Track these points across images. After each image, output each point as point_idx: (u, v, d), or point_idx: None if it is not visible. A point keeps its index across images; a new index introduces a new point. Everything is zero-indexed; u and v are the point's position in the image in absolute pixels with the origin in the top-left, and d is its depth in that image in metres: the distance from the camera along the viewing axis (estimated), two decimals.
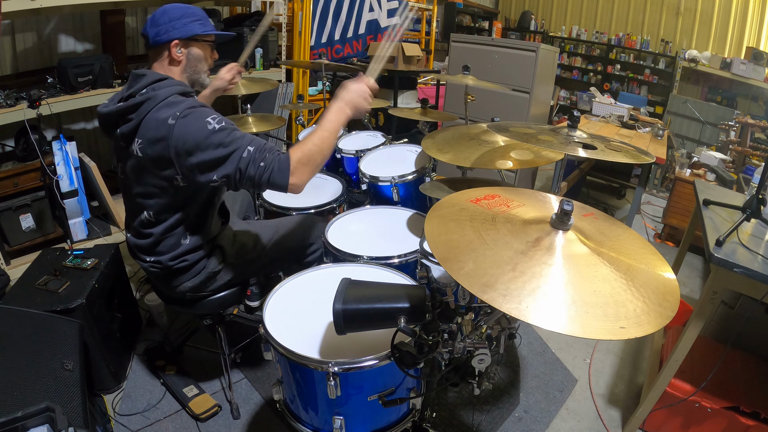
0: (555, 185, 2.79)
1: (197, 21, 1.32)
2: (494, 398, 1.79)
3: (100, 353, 1.65)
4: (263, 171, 1.18)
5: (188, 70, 1.35)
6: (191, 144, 1.17)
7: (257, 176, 1.18)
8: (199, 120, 1.19)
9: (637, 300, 0.72)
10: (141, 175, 1.27)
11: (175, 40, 1.28)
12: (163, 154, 1.20)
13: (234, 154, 1.18)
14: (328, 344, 1.13)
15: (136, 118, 1.22)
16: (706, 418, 1.56)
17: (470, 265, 0.75)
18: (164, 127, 1.18)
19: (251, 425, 1.65)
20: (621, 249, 0.85)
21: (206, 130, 1.18)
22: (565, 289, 0.72)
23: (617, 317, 0.68)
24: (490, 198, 0.98)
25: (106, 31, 3.26)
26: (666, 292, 0.76)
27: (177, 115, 1.18)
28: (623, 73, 6.57)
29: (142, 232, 1.37)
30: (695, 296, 2.67)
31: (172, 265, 1.39)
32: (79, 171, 2.80)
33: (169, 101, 1.21)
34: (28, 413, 1.04)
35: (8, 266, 2.49)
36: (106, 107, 1.28)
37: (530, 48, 3.27)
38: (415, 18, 1.44)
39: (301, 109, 2.86)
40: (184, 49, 1.31)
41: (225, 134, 1.18)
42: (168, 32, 1.28)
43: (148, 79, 1.25)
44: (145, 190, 1.29)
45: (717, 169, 3.41)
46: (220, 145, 1.17)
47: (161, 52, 1.30)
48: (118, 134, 1.26)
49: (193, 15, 1.32)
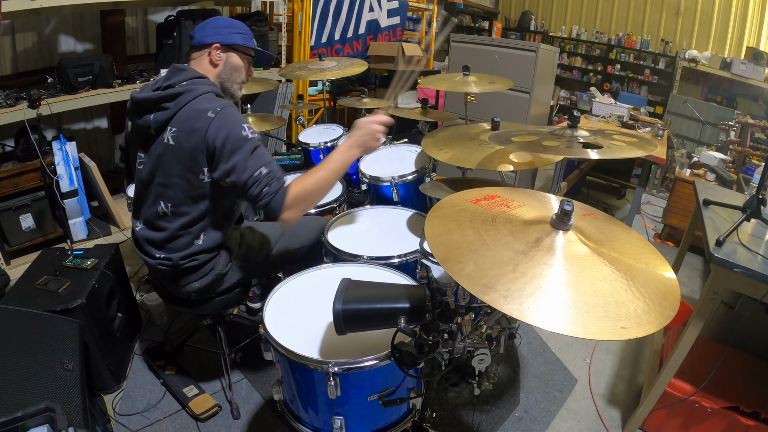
0: (555, 185, 2.79)
1: (240, 34, 1.41)
2: (494, 398, 1.79)
3: (100, 353, 1.65)
4: (263, 196, 1.25)
5: (223, 75, 1.41)
6: (223, 139, 1.23)
7: (257, 198, 1.25)
8: (237, 122, 1.26)
9: (637, 300, 0.72)
10: (168, 164, 1.30)
11: (216, 44, 1.37)
12: (197, 144, 1.25)
13: (249, 168, 1.24)
14: (328, 344, 1.13)
15: (173, 107, 1.27)
16: (706, 418, 1.56)
17: (471, 266, 0.75)
18: (203, 119, 1.24)
19: (251, 425, 1.65)
20: (621, 249, 0.85)
21: (240, 135, 1.25)
22: (565, 290, 0.72)
23: (618, 317, 0.68)
24: (490, 198, 0.98)
25: (106, 31, 3.26)
26: (666, 291, 0.76)
27: (218, 110, 1.25)
28: (623, 73, 6.56)
29: (156, 224, 1.38)
30: (695, 296, 2.67)
31: (182, 263, 1.38)
32: (79, 171, 2.80)
33: (207, 97, 1.29)
34: (28, 413, 1.04)
35: (8, 266, 2.50)
36: (140, 93, 1.33)
37: (530, 48, 3.27)
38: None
39: (301, 109, 2.86)
40: (224, 54, 1.39)
41: (251, 146, 1.26)
42: (212, 36, 1.37)
43: (189, 74, 1.33)
44: (169, 180, 1.32)
45: (717, 169, 3.41)
46: (245, 155, 1.24)
47: (202, 53, 1.39)
48: (150, 121, 1.30)
49: (238, 28, 1.42)
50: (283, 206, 1.25)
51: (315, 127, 2.65)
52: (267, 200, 1.24)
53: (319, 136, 2.45)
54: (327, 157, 1.35)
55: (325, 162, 1.34)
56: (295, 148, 2.79)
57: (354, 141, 1.36)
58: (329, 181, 1.33)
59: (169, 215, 1.35)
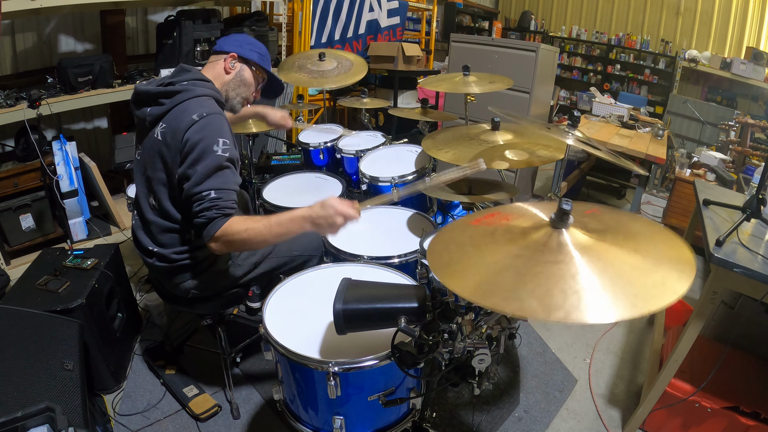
0: (555, 185, 2.79)
1: (260, 54, 1.48)
2: (494, 398, 1.79)
3: (100, 353, 1.65)
4: (200, 217, 1.23)
5: (231, 85, 1.45)
6: (193, 145, 1.24)
7: (195, 215, 1.24)
8: (215, 133, 1.26)
9: (657, 268, 0.73)
10: (154, 158, 1.32)
11: (234, 53, 1.43)
12: (177, 144, 1.26)
13: (202, 185, 1.23)
14: (328, 344, 1.13)
15: (168, 104, 1.30)
16: (706, 418, 1.56)
17: (500, 294, 0.72)
18: (187, 120, 1.26)
19: (251, 425, 1.65)
20: (624, 229, 0.85)
21: (211, 147, 1.24)
22: (591, 279, 0.70)
23: (645, 287, 0.68)
24: (490, 216, 0.97)
25: (106, 31, 3.26)
26: (676, 250, 0.78)
27: (203, 115, 1.26)
28: (623, 73, 6.56)
29: (148, 217, 1.40)
30: (695, 296, 2.67)
31: (176, 259, 1.39)
32: (79, 171, 2.80)
33: (201, 100, 1.30)
34: (28, 413, 1.04)
35: (8, 266, 2.50)
36: (144, 86, 1.36)
37: (530, 48, 3.27)
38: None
39: (301, 109, 2.86)
40: (238, 64, 1.45)
41: (215, 163, 1.24)
42: (233, 46, 1.45)
43: (192, 75, 1.36)
44: (154, 174, 1.34)
45: (717, 169, 3.41)
46: (206, 168, 1.23)
47: (218, 59, 1.44)
48: (147, 114, 1.33)
49: (259, 48, 1.49)
50: (212, 237, 1.22)
51: (315, 126, 2.65)
52: (201, 221, 1.23)
53: (319, 136, 2.45)
54: (277, 216, 1.25)
55: (272, 220, 1.24)
56: (295, 148, 2.80)
57: (312, 217, 1.22)
58: (265, 241, 1.26)
59: (157, 209, 1.37)
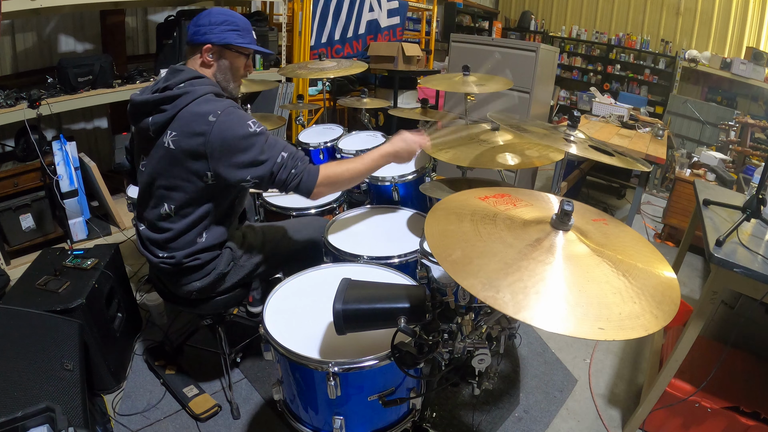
0: (555, 185, 2.79)
1: (236, 31, 1.33)
2: (494, 398, 1.79)
3: (100, 353, 1.65)
4: (293, 178, 1.29)
5: (218, 76, 1.38)
6: (230, 143, 1.23)
7: (287, 182, 1.29)
8: (241, 121, 1.25)
9: (627, 303, 0.72)
10: (169, 167, 1.29)
11: (208, 45, 1.31)
12: (198, 149, 1.24)
13: (270, 159, 1.26)
14: (328, 344, 1.13)
15: (171, 110, 1.26)
16: (706, 418, 1.56)
17: (458, 253, 0.77)
18: (204, 123, 1.22)
19: (251, 425, 1.65)
20: (622, 249, 0.85)
21: (247, 132, 1.24)
22: (569, 290, 0.72)
23: (598, 318, 0.68)
24: (499, 197, 0.99)
25: (106, 31, 3.26)
26: (666, 290, 0.77)
27: (219, 114, 1.23)
28: (623, 73, 6.56)
29: (159, 226, 1.38)
30: (695, 296, 2.67)
31: (185, 262, 1.38)
32: (79, 171, 2.80)
33: (207, 98, 1.27)
34: (28, 413, 1.04)
35: (8, 266, 2.50)
36: (139, 96, 1.31)
37: (530, 48, 3.27)
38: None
39: (301, 109, 2.86)
40: (216, 55, 1.34)
41: (263, 138, 1.26)
42: (204, 34, 1.31)
43: (186, 75, 1.30)
44: (171, 183, 1.31)
45: (717, 169, 3.41)
46: (259, 149, 1.25)
47: (195, 52, 1.35)
48: (150, 123, 1.28)
49: (233, 24, 1.33)
50: (314, 184, 1.31)
51: (315, 127, 2.65)
52: (297, 180, 1.29)
53: (319, 136, 2.45)
54: (365, 154, 1.42)
55: (362, 157, 1.40)
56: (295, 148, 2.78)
57: (394, 150, 1.42)
58: (359, 176, 1.40)
59: (173, 215, 1.35)
